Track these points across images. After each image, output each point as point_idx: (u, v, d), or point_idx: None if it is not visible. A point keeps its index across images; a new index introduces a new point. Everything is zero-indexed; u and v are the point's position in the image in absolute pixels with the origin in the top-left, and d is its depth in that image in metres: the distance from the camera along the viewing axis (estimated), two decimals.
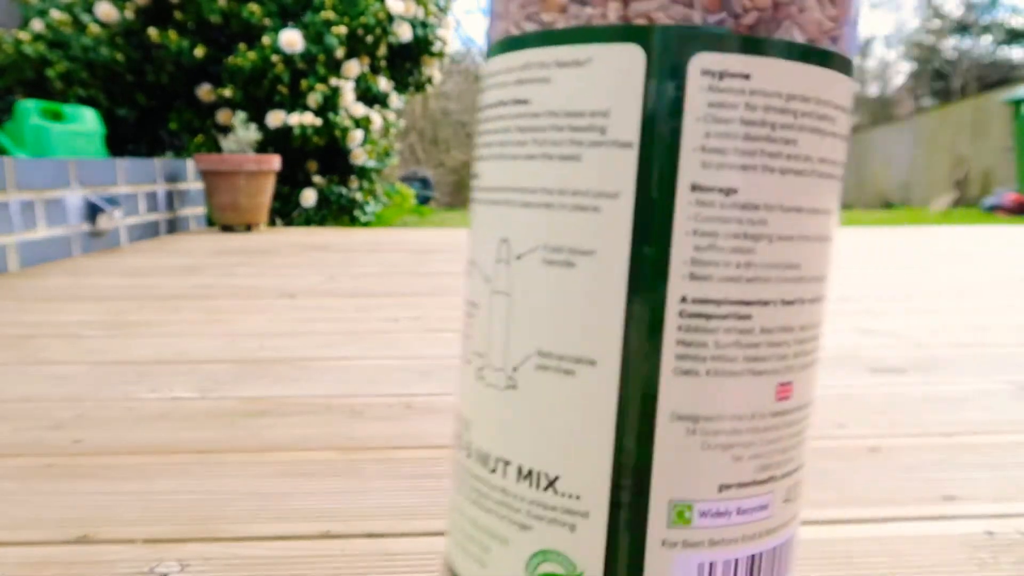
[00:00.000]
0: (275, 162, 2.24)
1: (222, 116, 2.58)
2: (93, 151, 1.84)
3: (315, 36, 2.57)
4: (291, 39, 2.47)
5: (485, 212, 0.17)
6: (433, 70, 3.09)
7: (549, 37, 0.15)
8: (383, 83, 2.87)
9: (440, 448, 0.46)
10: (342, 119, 2.66)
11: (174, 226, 2.08)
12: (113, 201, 1.68)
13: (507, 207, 0.16)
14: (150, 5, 2.53)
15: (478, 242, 0.17)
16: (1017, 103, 5.57)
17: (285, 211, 2.73)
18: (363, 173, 2.99)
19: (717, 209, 0.15)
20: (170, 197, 2.06)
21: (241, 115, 2.41)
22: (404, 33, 2.78)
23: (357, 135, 2.72)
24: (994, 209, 5.10)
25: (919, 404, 0.54)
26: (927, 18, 10.92)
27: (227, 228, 2.17)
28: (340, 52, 2.62)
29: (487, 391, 0.17)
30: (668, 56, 0.14)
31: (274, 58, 2.48)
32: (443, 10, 3.06)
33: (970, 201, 6.33)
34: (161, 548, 0.33)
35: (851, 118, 0.17)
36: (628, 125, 0.15)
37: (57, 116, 1.77)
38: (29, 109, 1.70)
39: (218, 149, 2.51)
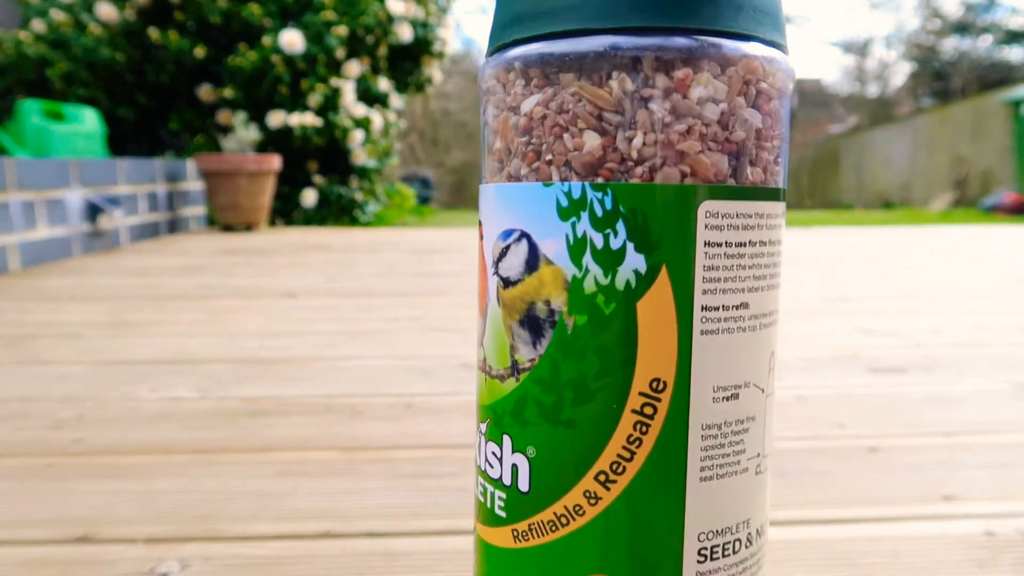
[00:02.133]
0: (275, 162, 2.24)
1: (222, 116, 2.58)
2: (94, 151, 1.84)
3: (315, 36, 2.57)
4: (291, 39, 2.48)
5: (759, 335, 0.20)
6: (433, 70, 3.09)
7: (784, 194, 0.21)
8: (383, 83, 2.87)
9: (440, 448, 0.46)
10: (342, 119, 2.66)
11: (175, 226, 2.09)
12: (114, 201, 1.68)
13: (774, 327, 0.21)
14: (150, 5, 2.53)
15: (752, 364, 0.20)
16: (1016, 103, 5.57)
17: (285, 211, 2.73)
18: (363, 173, 2.99)
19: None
20: (170, 197, 2.06)
21: (241, 115, 2.42)
22: (404, 33, 2.78)
23: (357, 135, 2.72)
24: (993, 209, 5.10)
25: (919, 404, 0.55)
26: (927, 18, 10.93)
27: (227, 228, 2.17)
28: (340, 52, 2.62)
29: (763, 478, 0.21)
30: None
31: (274, 58, 2.48)
32: (443, 10, 3.06)
33: (970, 201, 6.34)
34: (162, 548, 0.34)
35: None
36: None
37: (58, 116, 1.78)
38: (30, 109, 1.70)
39: (218, 149, 2.51)
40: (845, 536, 0.34)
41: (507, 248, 0.20)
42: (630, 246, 0.18)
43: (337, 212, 2.88)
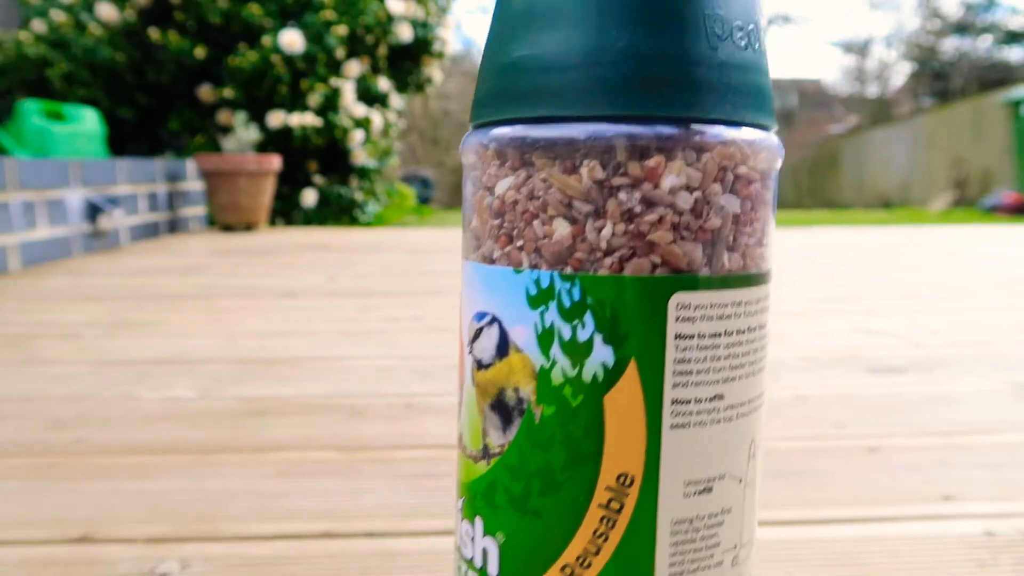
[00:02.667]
0: (275, 162, 2.24)
1: (222, 116, 2.58)
2: (94, 151, 1.84)
3: (315, 36, 2.57)
4: (291, 39, 2.48)
5: (735, 425, 0.19)
6: (433, 70, 3.09)
7: (768, 276, 0.20)
8: (383, 83, 2.87)
9: (440, 448, 0.46)
10: (342, 119, 2.66)
11: (175, 226, 2.09)
12: (114, 201, 1.68)
13: (754, 413, 0.20)
14: (150, 5, 2.53)
15: (728, 455, 0.19)
16: (1016, 103, 5.57)
17: (285, 211, 2.73)
18: (363, 173, 2.99)
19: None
20: (171, 197, 2.06)
21: (241, 115, 2.42)
22: (404, 33, 2.78)
23: (357, 135, 2.72)
24: (993, 209, 5.10)
25: (918, 404, 0.55)
26: (927, 18, 10.93)
27: (227, 228, 2.17)
28: (340, 52, 2.62)
29: (741, 568, 0.20)
30: None
31: (274, 58, 2.48)
32: (443, 10, 3.06)
33: (970, 201, 6.34)
34: (162, 548, 0.34)
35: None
36: None
37: (58, 116, 1.78)
38: (30, 109, 1.70)
39: (218, 149, 2.51)
40: (845, 536, 0.34)
41: (480, 330, 0.20)
42: (598, 339, 0.18)
43: (337, 212, 2.88)
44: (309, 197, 2.72)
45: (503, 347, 0.19)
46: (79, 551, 0.33)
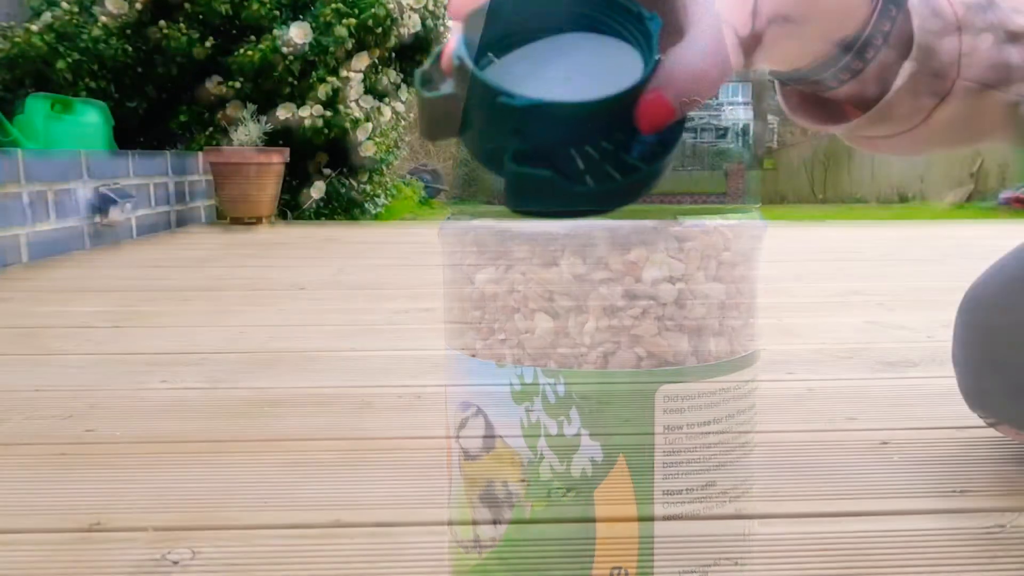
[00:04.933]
0: (283, 155, 2.24)
1: (230, 110, 2.58)
2: (102, 144, 1.85)
3: (323, 29, 2.57)
4: (299, 32, 2.47)
5: (728, 509, 0.19)
6: None
7: (756, 356, 0.20)
8: (392, 76, 2.87)
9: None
10: (351, 112, 2.66)
11: (183, 219, 2.09)
12: (123, 194, 1.68)
13: (747, 493, 0.20)
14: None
15: (723, 538, 0.20)
16: None
17: (293, 204, 2.73)
18: (371, 166, 2.99)
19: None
20: (179, 190, 2.06)
21: (249, 109, 2.42)
22: (413, 26, 2.78)
23: (366, 128, 2.72)
24: (1009, 202, 5.06)
25: (930, 398, 0.54)
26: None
27: (236, 221, 2.17)
28: (349, 45, 2.62)
29: None
30: None
31: (282, 52, 2.47)
32: None
33: (985, 194, 6.29)
34: (172, 536, 0.34)
35: None
36: None
37: (66, 110, 1.78)
38: (39, 102, 1.71)
39: (227, 143, 2.52)
40: (855, 529, 0.34)
41: (466, 420, 0.19)
42: (585, 434, 0.17)
43: (345, 205, 2.88)
44: (317, 190, 2.72)
45: (490, 440, 0.19)
46: (90, 539, 0.33)
